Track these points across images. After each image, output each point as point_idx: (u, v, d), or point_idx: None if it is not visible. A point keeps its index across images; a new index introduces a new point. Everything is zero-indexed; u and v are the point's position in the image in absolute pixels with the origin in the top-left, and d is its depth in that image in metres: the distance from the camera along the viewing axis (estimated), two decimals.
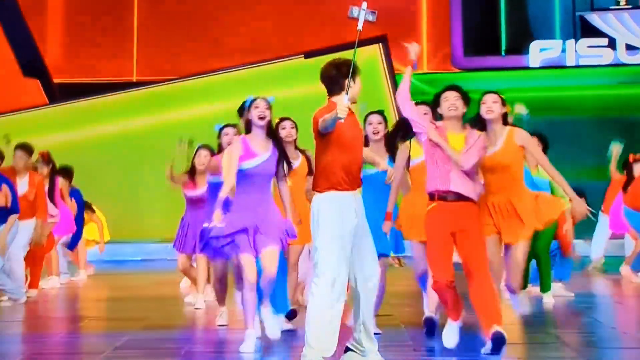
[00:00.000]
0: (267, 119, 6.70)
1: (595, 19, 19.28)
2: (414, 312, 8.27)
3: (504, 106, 6.56)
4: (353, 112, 6.07)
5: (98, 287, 12.43)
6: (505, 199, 6.47)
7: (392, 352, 6.36)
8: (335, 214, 5.80)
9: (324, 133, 5.79)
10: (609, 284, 11.87)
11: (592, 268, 13.13)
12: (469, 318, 6.85)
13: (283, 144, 6.99)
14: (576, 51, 19.03)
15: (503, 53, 19.75)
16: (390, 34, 17.38)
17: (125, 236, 15.99)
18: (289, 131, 7.52)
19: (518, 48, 19.51)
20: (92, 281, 12.80)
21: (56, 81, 19.19)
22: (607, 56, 19.00)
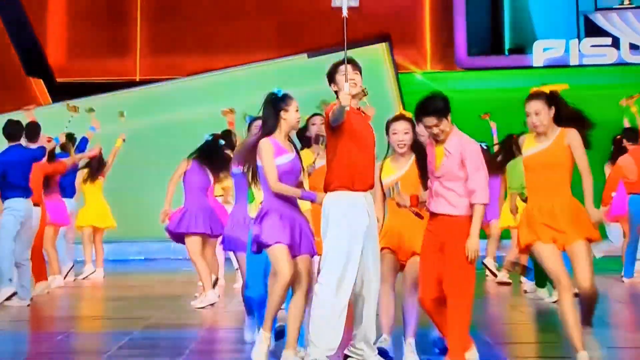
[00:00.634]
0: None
1: (599, 19, 19.25)
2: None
3: (550, 108, 6.16)
4: (364, 114, 6.07)
5: (102, 287, 12.44)
6: (549, 204, 6.04)
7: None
8: (344, 214, 5.79)
9: (335, 126, 5.80)
10: (609, 284, 11.84)
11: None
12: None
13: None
14: (580, 51, 18.99)
15: (506, 52, 19.71)
16: (394, 34, 17.36)
17: (128, 236, 16.00)
18: (320, 127, 7.21)
19: (521, 47, 19.48)
20: (97, 280, 12.80)
21: (59, 80, 19.21)
22: (611, 56, 18.96)
